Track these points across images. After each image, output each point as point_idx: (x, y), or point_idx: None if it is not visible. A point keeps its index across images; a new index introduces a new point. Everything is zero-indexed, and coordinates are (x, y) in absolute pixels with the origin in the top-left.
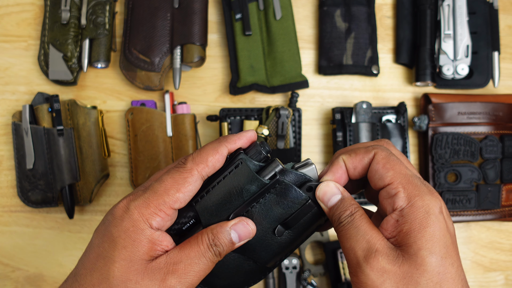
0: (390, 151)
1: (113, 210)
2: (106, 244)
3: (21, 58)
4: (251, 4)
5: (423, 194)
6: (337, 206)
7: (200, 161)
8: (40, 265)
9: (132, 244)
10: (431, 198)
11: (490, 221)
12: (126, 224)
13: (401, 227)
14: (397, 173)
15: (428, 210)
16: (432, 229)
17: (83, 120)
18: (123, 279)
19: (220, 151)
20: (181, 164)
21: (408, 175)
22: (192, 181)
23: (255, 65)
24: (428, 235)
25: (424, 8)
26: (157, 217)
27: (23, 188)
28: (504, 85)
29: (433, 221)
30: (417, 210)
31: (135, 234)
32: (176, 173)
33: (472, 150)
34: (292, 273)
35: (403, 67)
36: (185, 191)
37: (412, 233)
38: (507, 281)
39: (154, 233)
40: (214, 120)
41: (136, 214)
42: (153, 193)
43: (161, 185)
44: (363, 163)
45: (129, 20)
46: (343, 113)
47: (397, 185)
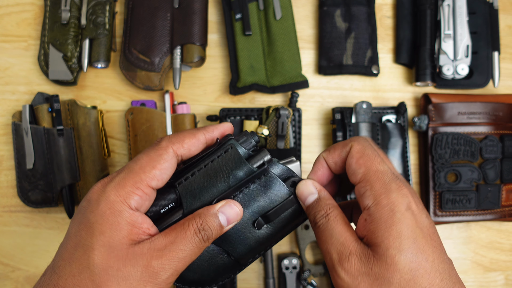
0: (367, 144)
1: (88, 195)
2: (83, 232)
3: (21, 58)
4: (251, 4)
5: (389, 192)
6: (313, 206)
7: (176, 140)
8: (40, 265)
9: (110, 228)
10: (398, 195)
11: (490, 221)
12: (103, 208)
13: (369, 226)
14: (368, 170)
15: (393, 208)
16: (399, 226)
17: (83, 120)
18: (104, 266)
19: (197, 136)
20: (156, 143)
21: (378, 172)
22: (168, 158)
23: (255, 65)
24: (394, 233)
25: (424, 8)
26: (135, 195)
27: (23, 188)
28: (504, 85)
29: (399, 219)
30: (382, 209)
31: (113, 217)
32: (151, 151)
33: (472, 150)
34: (292, 273)
35: (403, 67)
36: (161, 167)
37: (379, 232)
38: (507, 281)
39: (133, 215)
40: (214, 120)
41: (112, 195)
42: (128, 172)
43: (137, 163)
44: (341, 157)
45: (129, 20)
46: (343, 113)
47: (366, 183)
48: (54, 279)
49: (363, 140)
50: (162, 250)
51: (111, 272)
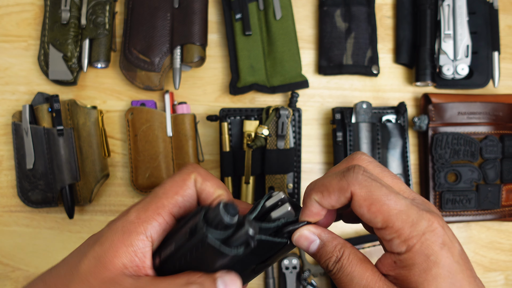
0: (370, 181)
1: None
2: (91, 241)
3: (21, 58)
4: (251, 4)
5: (421, 234)
6: (320, 254)
7: (202, 172)
8: (40, 265)
9: (111, 243)
10: (431, 234)
11: (490, 221)
12: (118, 224)
13: (400, 271)
14: (387, 216)
15: (429, 252)
16: (435, 270)
17: (83, 120)
18: (83, 277)
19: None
20: (184, 168)
21: (401, 213)
22: (191, 185)
23: (255, 65)
24: (430, 277)
25: (424, 8)
26: (154, 221)
27: (23, 188)
28: (504, 85)
29: (435, 262)
30: (415, 255)
31: (121, 234)
32: (177, 175)
33: (472, 150)
34: (292, 273)
35: (403, 67)
36: (184, 194)
37: (412, 278)
38: (507, 281)
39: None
40: (214, 120)
41: (132, 216)
42: (153, 196)
43: (162, 188)
44: (340, 201)
45: (129, 20)
46: (343, 113)
47: (390, 230)
48: (45, 274)
49: (362, 177)
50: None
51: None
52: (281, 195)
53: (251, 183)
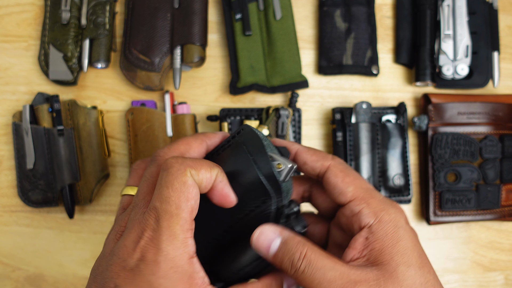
0: (346, 164)
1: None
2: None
3: (21, 58)
4: (251, 4)
5: (388, 208)
6: (281, 253)
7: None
8: (40, 265)
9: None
10: (396, 210)
11: (490, 221)
12: (165, 268)
13: (373, 245)
14: (358, 188)
15: (396, 223)
16: (404, 242)
17: (83, 120)
18: None
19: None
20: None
21: (369, 189)
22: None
23: (255, 65)
24: (402, 249)
25: (424, 8)
26: (189, 240)
27: (23, 188)
28: (504, 85)
29: (403, 234)
30: (386, 225)
31: (176, 275)
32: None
33: (472, 150)
34: None
35: (403, 67)
36: (193, 196)
37: (386, 250)
38: (507, 281)
39: (192, 264)
40: (214, 120)
41: (171, 251)
42: (169, 217)
43: (170, 203)
44: (319, 165)
45: (129, 20)
46: (343, 113)
47: (360, 201)
48: None
49: (341, 160)
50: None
51: None
52: None
53: None
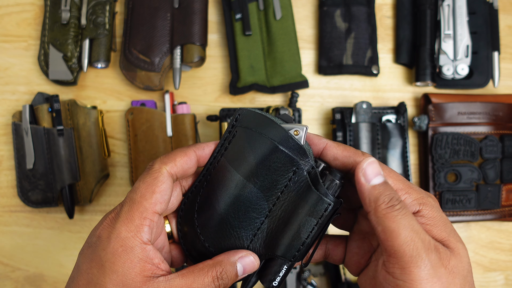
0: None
1: (97, 231)
2: (95, 270)
3: (21, 58)
4: (251, 4)
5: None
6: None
7: (168, 161)
8: (40, 265)
9: (123, 266)
10: (432, 198)
11: (490, 221)
12: (114, 245)
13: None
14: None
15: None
16: (450, 224)
17: (83, 120)
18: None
19: (188, 154)
20: (149, 167)
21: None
22: (164, 179)
23: (255, 65)
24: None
25: (424, 8)
26: (145, 227)
27: (23, 188)
28: (504, 85)
29: (446, 217)
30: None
31: (125, 255)
32: (146, 176)
33: (472, 150)
34: (292, 273)
35: (403, 67)
36: (160, 190)
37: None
38: (507, 281)
39: (144, 250)
40: (214, 120)
41: (123, 231)
42: (131, 203)
43: (136, 192)
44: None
45: (129, 20)
46: (343, 113)
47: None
48: None
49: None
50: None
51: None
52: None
53: None
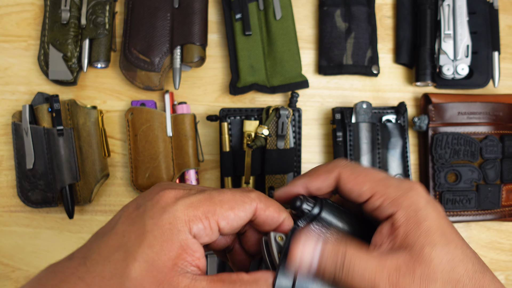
0: (354, 164)
1: (156, 196)
2: (133, 235)
3: (21, 58)
4: (251, 4)
5: (405, 192)
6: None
7: (265, 202)
8: (40, 265)
9: (162, 244)
10: (414, 192)
11: (490, 221)
12: (165, 219)
13: (397, 231)
14: (373, 183)
15: (416, 206)
16: (427, 222)
17: (83, 120)
18: (137, 283)
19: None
20: (247, 190)
21: (383, 179)
22: (249, 210)
23: (255, 65)
24: (425, 230)
25: (424, 8)
26: (200, 223)
27: (23, 188)
28: (504, 85)
29: (424, 215)
30: (406, 211)
31: (170, 234)
32: (239, 193)
33: (472, 150)
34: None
35: (403, 67)
36: (238, 214)
37: (410, 234)
38: (507, 281)
39: (189, 239)
40: (214, 120)
41: (180, 212)
42: (207, 198)
43: (220, 195)
44: (327, 183)
45: (129, 20)
46: (343, 113)
47: (378, 195)
48: (81, 271)
49: (345, 162)
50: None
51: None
52: None
53: (251, 183)
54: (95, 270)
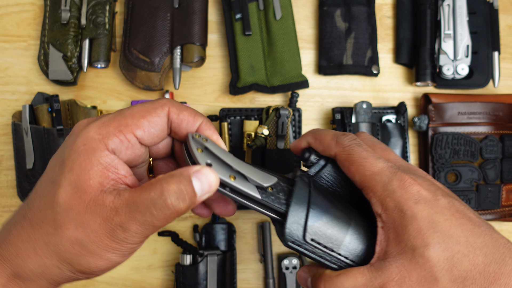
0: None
1: (72, 129)
2: (57, 167)
3: (21, 58)
4: (251, 4)
5: (392, 192)
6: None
7: (176, 106)
8: None
9: (80, 166)
10: (402, 191)
11: (490, 221)
12: (79, 143)
13: (388, 235)
14: (363, 176)
15: (402, 207)
16: (415, 223)
17: None
18: (66, 206)
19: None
20: (157, 99)
21: (374, 174)
22: (162, 114)
23: (255, 65)
24: (413, 231)
25: (424, 8)
26: (115, 137)
27: (23, 188)
28: (504, 85)
29: (412, 215)
30: (392, 213)
31: (86, 155)
32: (148, 103)
33: (472, 150)
34: (292, 273)
35: (403, 67)
36: (151, 119)
37: (399, 238)
38: None
39: (108, 156)
40: (214, 120)
41: (92, 132)
42: (117, 114)
43: (128, 109)
44: (325, 153)
45: (129, 20)
46: (343, 113)
47: (367, 190)
48: (24, 210)
49: (349, 142)
50: (124, 207)
51: (71, 215)
52: None
53: None
54: (33, 206)
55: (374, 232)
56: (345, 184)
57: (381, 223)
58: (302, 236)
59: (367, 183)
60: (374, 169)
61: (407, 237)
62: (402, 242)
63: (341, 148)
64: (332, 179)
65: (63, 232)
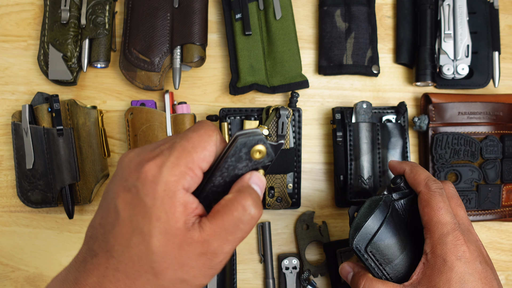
0: (437, 193)
1: (141, 174)
2: (139, 217)
3: (20, 58)
4: (251, 4)
5: (444, 243)
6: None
7: (218, 129)
8: (40, 265)
9: (167, 213)
10: (451, 246)
11: (491, 221)
12: (159, 190)
13: (426, 271)
14: (430, 220)
15: (445, 257)
16: (448, 274)
17: (83, 120)
18: (162, 254)
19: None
20: (203, 123)
21: (439, 223)
22: (215, 141)
23: (255, 65)
24: (444, 279)
25: (424, 8)
26: (187, 176)
27: (22, 188)
28: (504, 85)
29: (449, 267)
30: (436, 258)
31: (169, 200)
32: (200, 129)
33: (473, 150)
34: (292, 273)
35: (403, 67)
36: (209, 149)
37: (432, 277)
38: (507, 281)
39: (185, 195)
40: (214, 120)
41: (167, 175)
42: (182, 151)
43: (189, 142)
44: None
45: (129, 20)
46: (343, 113)
47: (427, 231)
48: (112, 263)
49: (435, 187)
50: (213, 236)
51: (168, 260)
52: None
53: None
54: (123, 258)
55: (416, 263)
56: (414, 216)
57: (425, 260)
58: (365, 247)
59: (430, 227)
60: (441, 219)
61: (438, 280)
62: (433, 281)
63: (427, 190)
64: (407, 208)
65: (164, 277)
